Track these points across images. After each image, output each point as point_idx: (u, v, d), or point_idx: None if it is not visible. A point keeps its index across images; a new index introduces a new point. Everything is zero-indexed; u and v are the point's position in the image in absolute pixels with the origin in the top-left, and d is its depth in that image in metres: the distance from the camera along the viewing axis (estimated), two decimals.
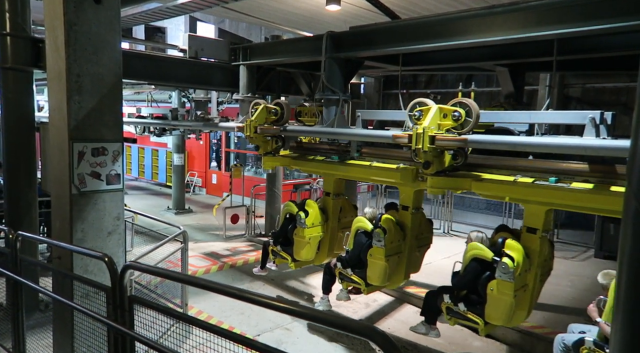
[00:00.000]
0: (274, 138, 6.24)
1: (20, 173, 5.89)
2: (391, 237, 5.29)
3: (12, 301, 4.50)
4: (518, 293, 4.30)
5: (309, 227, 6.03)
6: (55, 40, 4.04)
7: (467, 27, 4.73)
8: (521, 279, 4.29)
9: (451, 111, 4.27)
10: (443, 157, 4.36)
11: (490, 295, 4.32)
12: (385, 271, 5.34)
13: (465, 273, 4.69)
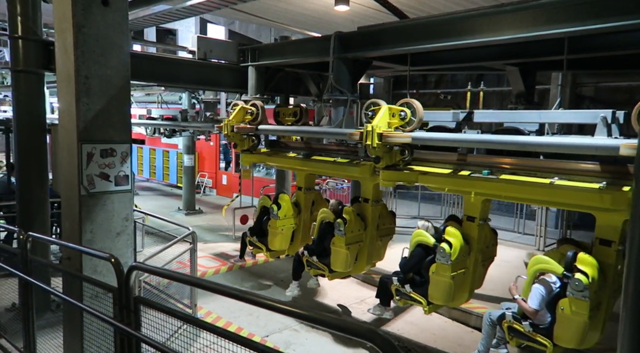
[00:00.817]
0: (250, 136, 6.76)
1: (31, 174, 5.96)
2: (351, 227, 5.75)
3: (23, 301, 4.56)
4: (457, 276, 4.81)
5: (281, 219, 6.57)
6: (65, 43, 4.08)
7: (476, 26, 4.69)
8: (461, 263, 4.76)
9: (398, 111, 4.84)
10: (392, 153, 4.93)
11: (432, 277, 4.82)
12: (347, 258, 5.79)
13: (411, 257, 5.29)
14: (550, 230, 10.18)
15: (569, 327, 4.02)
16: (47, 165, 6.32)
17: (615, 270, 4.11)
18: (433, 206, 12.72)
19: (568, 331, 4.04)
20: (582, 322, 3.93)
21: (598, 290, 3.97)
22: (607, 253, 4.06)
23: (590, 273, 3.89)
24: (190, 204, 13.57)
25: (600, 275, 4.00)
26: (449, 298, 4.87)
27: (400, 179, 5.05)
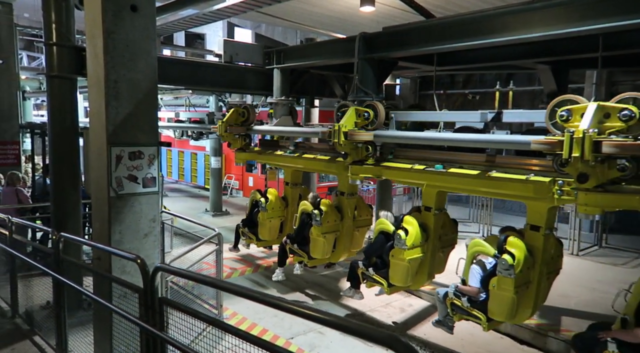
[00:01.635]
0: (242, 136, 7.35)
1: (64, 176, 6.14)
2: (327, 218, 6.39)
3: (56, 300, 4.69)
4: (412, 262, 5.34)
5: (269, 211, 7.30)
6: (95, 48, 4.19)
7: (505, 24, 4.57)
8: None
9: (363, 112, 5.46)
10: (359, 149, 5.52)
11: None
12: (324, 246, 6.50)
13: (374, 243, 5.89)
14: (585, 234, 9.82)
15: (499, 302, 4.53)
16: (80, 167, 6.49)
17: (544, 253, 4.57)
18: (460, 208, 12.49)
19: (499, 306, 4.56)
20: (510, 298, 4.42)
21: (525, 269, 4.43)
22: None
23: (517, 254, 4.36)
24: (217, 206, 13.74)
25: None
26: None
27: (366, 173, 5.58)
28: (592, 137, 3.47)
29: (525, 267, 4.45)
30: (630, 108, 3.53)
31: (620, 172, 3.64)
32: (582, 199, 3.78)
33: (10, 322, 5.94)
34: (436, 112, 5.66)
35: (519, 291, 4.47)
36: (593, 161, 3.52)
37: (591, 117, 3.57)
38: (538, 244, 4.54)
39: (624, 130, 3.57)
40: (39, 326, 5.61)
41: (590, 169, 3.58)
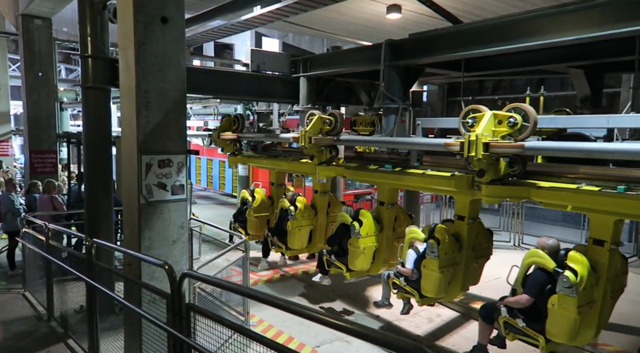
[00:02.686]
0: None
1: (98, 184, 6.33)
2: (301, 213, 7.17)
3: (88, 304, 4.82)
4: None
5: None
6: (127, 60, 4.32)
7: (536, 28, 4.47)
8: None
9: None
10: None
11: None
12: (300, 238, 7.38)
13: (335, 233, 6.62)
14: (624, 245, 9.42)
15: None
16: (112, 175, 6.67)
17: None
18: (490, 217, 12.19)
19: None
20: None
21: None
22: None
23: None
24: None
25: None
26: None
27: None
28: (482, 139, 4.15)
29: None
30: (515, 116, 4.24)
31: (511, 168, 4.36)
32: (484, 191, 4.45)
33: (46, 325, 6.14)
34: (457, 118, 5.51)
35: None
36: (487, 159, 4.20)
37: (485, 123, 4.25)
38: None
39: (512, 134, 4.25)
40: (73, 330, 5.77)
41: (487, 165, 4.27)
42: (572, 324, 4.06)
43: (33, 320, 6.33)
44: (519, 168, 4.38)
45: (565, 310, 4.08)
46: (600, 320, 4.31)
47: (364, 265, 6.34)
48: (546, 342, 4.36)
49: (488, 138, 4.20)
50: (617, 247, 4.23)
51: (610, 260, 4.13)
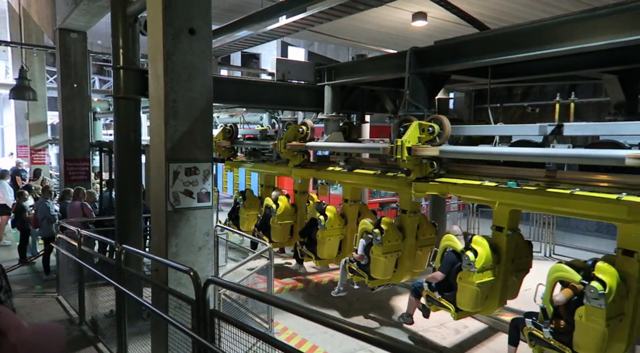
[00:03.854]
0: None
1: (127, 191, 6.49)
2: (281, 210, 8.25)
3: (117, 309, 4.92)
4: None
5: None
6: (156, 70, 4.44)
7: (566, 33, 4.36)
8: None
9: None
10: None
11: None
12: (281, 232, 8.34)
13: (306, 226, 7.91)
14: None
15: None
16: (142, 183, 6.84)
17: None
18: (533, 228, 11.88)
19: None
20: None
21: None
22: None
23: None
24: None
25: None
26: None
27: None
28: (405, 145, 5.13)
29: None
30: (433, 125, 5.25)
31: (431, 168, 5.32)
32: (413, 187, 5.47)
33: (78, 328, 6.30)
34: (490, 125, 5.47)
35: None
36: (412, 161, 5.23)
37: (411, 131, 5.22)
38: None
39: (430, 140, 5.28)
40: (103, 334, 5.90)
41: (412, 166, 5.30)
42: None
43: (65, 323, 6.51)
44: (438, 168, 5.33)
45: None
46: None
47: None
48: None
49: (411, 143, 5.16)
50: (513, 232, 4.83)
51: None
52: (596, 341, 3.97)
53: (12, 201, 10.78)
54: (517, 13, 8.76)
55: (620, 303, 4.02)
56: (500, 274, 5.11)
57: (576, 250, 10.21)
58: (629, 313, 4.08)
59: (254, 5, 9.00)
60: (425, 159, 5.29)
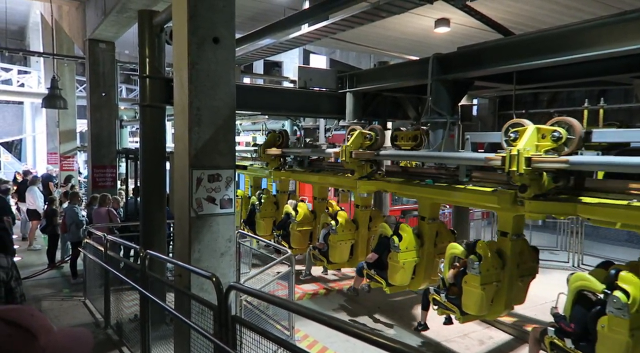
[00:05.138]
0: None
1: (152, 197, 6.60)
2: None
3: (141, 314, 5.00)
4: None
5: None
6: (181, 79, 4.53)
7: (594, 38, 4.27)
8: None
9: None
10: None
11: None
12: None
13: (281, 221, 8.83)
14: None
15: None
16: (166, 189, 6.95)
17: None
18: (547, 235, 11.59)
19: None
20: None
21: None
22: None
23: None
24: None
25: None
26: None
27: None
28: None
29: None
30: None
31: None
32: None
33: (103, 332, 6.42)
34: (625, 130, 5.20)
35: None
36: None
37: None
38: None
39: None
40: (127, 337, 5.99)
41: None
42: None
43: (91, 327, 6.63)
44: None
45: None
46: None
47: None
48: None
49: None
50: None
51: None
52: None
53: (42, 207, 11.11)
54: (542, 18, 8.61)
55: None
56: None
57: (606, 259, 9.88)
58: (507, 282, 4.47)
59: (277, 13, 9.13)
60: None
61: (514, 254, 5.20)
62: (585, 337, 4.22)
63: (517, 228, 5.17)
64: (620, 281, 3.91)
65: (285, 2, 9.18)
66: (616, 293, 3.83)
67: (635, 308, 3.79)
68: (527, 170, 4.11)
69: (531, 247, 5.60)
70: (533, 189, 4.28)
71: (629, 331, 3.79)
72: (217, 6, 4.45)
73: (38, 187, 11.90)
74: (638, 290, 3.84)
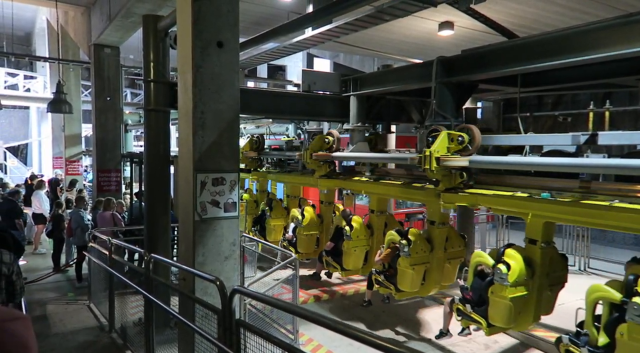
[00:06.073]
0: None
1: (157, 201, 6.61)
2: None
3: (146, 317, 4.99)
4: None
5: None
6: (185, 83, 4.54)
7: (600, 40, 4.25)
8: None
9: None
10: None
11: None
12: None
13: (255, 219, 9.56)
14: None
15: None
16: (170, 193, 6.96)
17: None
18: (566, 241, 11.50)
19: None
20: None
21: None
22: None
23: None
24: None
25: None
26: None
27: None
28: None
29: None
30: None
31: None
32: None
33: (108, 336, 6.42)
34: (521, 135, 5.35)
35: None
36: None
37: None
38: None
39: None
40: (132, 341, 5.98)
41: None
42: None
43: (96, 330, 6.64)
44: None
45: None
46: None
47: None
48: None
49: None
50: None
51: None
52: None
53: (48, 210, 11.16)
54: (547, 21, 8.59)
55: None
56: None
57: (613, 264, 9.80)
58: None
59: (281, 17, 9.15)
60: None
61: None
62: (480, 303, 5.24)
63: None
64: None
65: (289, 6, 9.21)
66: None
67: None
68: (437, 168, 5.11)
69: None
70: (444, 183, 5.35)
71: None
72: (221, 11, 4.47)
73: (46, 192, 11.96)
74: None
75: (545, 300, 5.17)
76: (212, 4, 4.42)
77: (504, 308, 4.83)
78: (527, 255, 4.95)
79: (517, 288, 4.81)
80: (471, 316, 5.39)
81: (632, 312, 3.80)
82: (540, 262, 4.91)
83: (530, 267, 4.90)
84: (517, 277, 4.76)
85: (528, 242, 5.01)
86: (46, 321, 6.96)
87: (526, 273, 4.85)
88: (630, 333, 4.02)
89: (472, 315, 5.37)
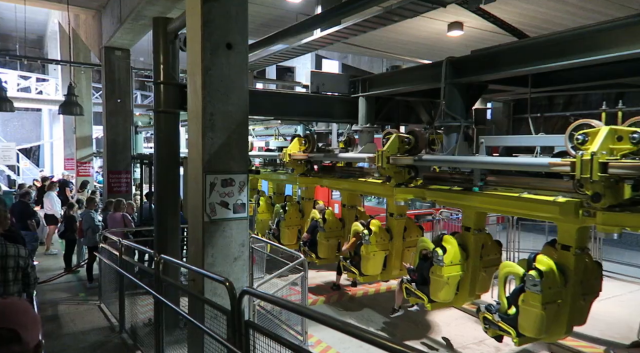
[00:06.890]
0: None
1: (166, 202, 6.65)
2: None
3: (155, 318, 5.02)
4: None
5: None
6: (195, 84, 4.57)
7: (612, 40, 4.20)
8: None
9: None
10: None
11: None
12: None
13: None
14: None
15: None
16: (180, 194, 6.99)
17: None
18: None
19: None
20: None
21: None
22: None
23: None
24: None
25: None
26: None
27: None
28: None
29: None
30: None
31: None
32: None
33: (118, 336, 6.47)
34: (530, 136, 5.29)
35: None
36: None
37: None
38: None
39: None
40: (142, 342, 6.02)
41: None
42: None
43: (106, 331, 6.69)
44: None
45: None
46: None
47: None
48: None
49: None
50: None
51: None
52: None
53: (59, 211, 11.28)
54: (557, 20, 8.52)
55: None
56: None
57: (626, 266, 9.67)
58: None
59: (289, 19, 9.17)
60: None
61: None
62: (423, 282, 5.97)
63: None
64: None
65: (297, 7, 9.23)
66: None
67: None
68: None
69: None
70: (395, 179, 5.72)
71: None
72: (230, 13, 4.49)
73: (55, 193, 12.10)
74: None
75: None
76: (222, 6, 4.44)
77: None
78: (461, 242, 5.78)
79: (453, 267, 5.63)
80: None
81: (528, 283, 4.51)
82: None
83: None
84: (452, 258, 5.59)
85: (464, 230, 5.86)
86: (58, 321, 7.03)
87: (460, 257, 5.66)
88: (527, 300, 4.73)
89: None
